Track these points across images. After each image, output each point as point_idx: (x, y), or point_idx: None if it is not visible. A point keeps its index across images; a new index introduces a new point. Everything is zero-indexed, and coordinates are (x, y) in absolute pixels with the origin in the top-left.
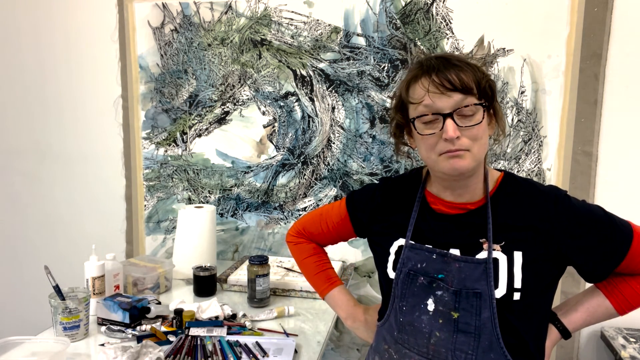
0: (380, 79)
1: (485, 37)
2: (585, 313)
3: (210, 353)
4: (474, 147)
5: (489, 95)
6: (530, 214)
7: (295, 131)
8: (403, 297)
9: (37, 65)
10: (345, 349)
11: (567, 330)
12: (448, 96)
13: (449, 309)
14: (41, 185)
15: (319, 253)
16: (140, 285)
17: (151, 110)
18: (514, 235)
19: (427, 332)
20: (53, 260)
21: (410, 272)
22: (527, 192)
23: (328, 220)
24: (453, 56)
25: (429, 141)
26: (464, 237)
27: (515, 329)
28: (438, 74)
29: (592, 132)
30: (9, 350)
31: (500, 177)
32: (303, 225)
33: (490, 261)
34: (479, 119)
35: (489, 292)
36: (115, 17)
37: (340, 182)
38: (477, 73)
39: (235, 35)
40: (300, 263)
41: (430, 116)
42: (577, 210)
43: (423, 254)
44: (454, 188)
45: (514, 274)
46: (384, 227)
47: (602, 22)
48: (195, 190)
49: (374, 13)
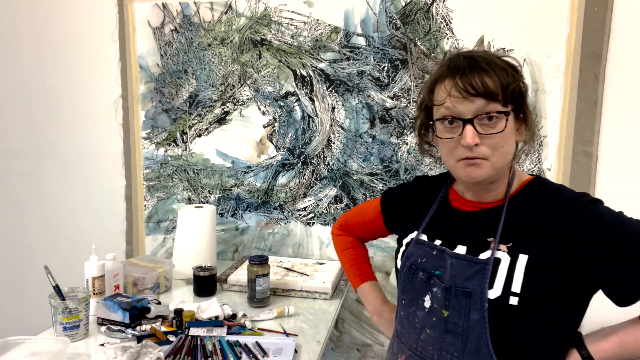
0: (380, 79)
1: (485, 37)
2: (618, 344)
3: (210, 353)
4: (493, 156)
5: (518, 100)
6: (544, 217)
7: (295, 131)
8: (404, 291)
9: (37, 65)
10: (345, 349)
11: (591, 358)
12: (470, 101)
13: (440, 306)
14: (41, 185)
15: (356, 247)
16: (140, 285)
17: (151, 110)
18: (523, 237)
19: (418, 328)
20: (53, 260)
21: (412, 267)
22: (549, 197)
23: (365, 215)
24: (483, 57)
25: (448, 145)
26: (472, 234)
27: (510, 337)
28: (462, 78)
29: (592, 132)
30: (9, 350)
31: (527, 181)
32: (345, 219)
33: (491, 261)
34: (502, 127)
35: (480, 293)
36: (115, 17)
37: (340, 182)
38: (507, 77)
39: (235, 35)
40: (339, 254)
41: (450, 120)
42: (599, 220)
43: (425, 249)
44: (475, 190)
45: (514, 276)
46: (405, 219)
47: (602, 22)
48: (195, 190)
49: (374, 13)
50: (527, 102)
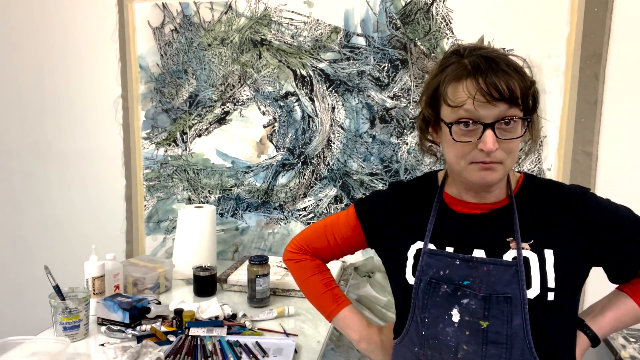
0: (380, 79)
1: (485, 37)
2: (613, 317)
3: (210, 353)
4: (507, 160)
5: (531, 106)
6: (558, 211)
7: (295, 131)
8: (425, 308)
9: (36, 66)
10: (345, 349)
11: (596, 337)
12: (493, 105)
13: (477, 318)
14: (41, 186)
15: (323, 271)
16: (140, 285)
17: (151, 110)
18: (543, 233)
19: (453, 346)
20: (53, 260)
21: (432, 281)
22: (552, 191)
23: (335, 232)
24: (501, 57)
25: (462, 149)
26: (489, 236)
27: (546, 334)
28: (486, 80)
29: (592, 132)
30: (9, 350)
31: (521, 178)
32: (305, 240)
33: (521, 261)
34: (519, 133)
35: (520, 296)
36: (115, 17)
37: (340, 182)
38: (525, 82)
39: (235, 35)
40: (304, 282)
41: (466, 123)
42: (605, 207)
43: (444, 259)
44: (476, 191)
45: (547, 272)
46: (400, 230)
47: (602, 22)
48: (195, 190)
49: (374, 13)
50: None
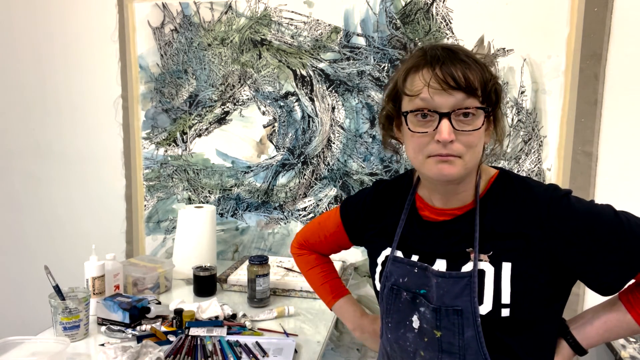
0: (380, 79)
1: (485, 37)
2: (602, 328)
3: (210, 353)
4: (466, 155)
5: (493, 100)
6: (520, 219)
7: (295, 131)
8: (388, 313)
9: (36, 66)
10: (345, 349)
11: (580, 346)
12: (449, 94)
13: (431, 327)
14: (41, 186)
15: (322, 263)
16: (140, 285)
17: (151, 110)
18: (504, 243)
19: (411, 351)
20: (53, 260)
21: (394, 287)
22: (519, 194)
23: (325, 230)
24: (461, 50)
25: (419, 140)
26: (450, 246)
27: (507, 346)
28: (442, 68)
29: (592, 132)
30: (9, 350)
31: (494, 177)
32: (304, 236)
33: (475, 274)
34: (478, 125)
35: (471, 309)
36: (115, 17)
37: (340, 182)
38: (485, 74)
39: (235, 35)
40: (305, 274)
41: (424, 114)
42: (574, 213)
43: (405, 267)
44: (442, 192)
45: (502, 288)
46: (374, 235)
47: (602, 22)
48: (195, 190)
49: (374, 13)
50: (501, 103)
